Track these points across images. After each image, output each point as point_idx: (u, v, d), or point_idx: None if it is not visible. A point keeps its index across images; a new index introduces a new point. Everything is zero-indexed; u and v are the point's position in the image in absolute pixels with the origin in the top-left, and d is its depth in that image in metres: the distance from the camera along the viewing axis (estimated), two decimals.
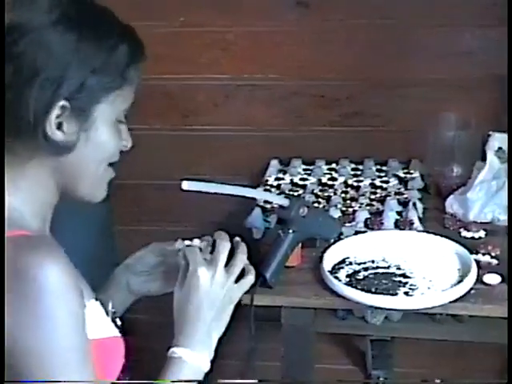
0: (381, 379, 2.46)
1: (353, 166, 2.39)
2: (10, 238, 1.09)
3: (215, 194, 1.56)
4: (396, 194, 2.18)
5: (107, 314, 1.33)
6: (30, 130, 1.15)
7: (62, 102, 1.15)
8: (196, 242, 1.43)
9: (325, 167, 2.39)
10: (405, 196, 2.16)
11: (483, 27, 2.27)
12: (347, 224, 2.00)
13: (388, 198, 2.13)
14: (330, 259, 1.79)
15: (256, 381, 1.69)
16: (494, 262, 1.78)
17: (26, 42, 1.12)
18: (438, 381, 2.53)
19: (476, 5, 2.23)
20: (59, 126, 1.16)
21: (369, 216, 2.03)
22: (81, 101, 1.17)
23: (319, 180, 2.32)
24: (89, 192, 1.27)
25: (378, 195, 2.19)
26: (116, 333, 1.30)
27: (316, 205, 2.13)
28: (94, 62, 1.17)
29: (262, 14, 2.36)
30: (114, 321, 1.35)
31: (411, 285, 1.71)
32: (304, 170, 2.40)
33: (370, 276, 1.75)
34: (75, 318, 1.09)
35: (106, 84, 1.19)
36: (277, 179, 2.34)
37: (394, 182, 2.27)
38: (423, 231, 1.94)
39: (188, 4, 2.36)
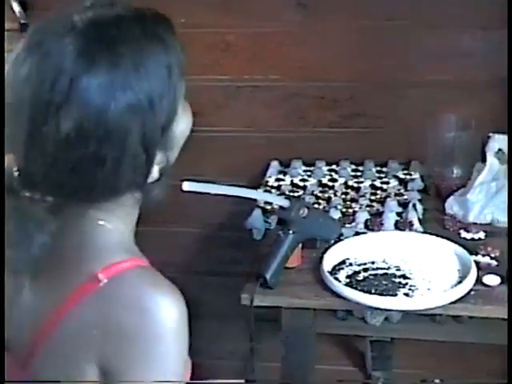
0: (381, 380, 2.46)
1: (353, 167, 2.40)
2: (132, 268, 1.07)
3: (216, 194, 1.57)
4: (396, 195, 2.19)
5: None
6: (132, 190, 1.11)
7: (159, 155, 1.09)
8: None
9: (325, 168, 2.40)
10: (405, 197, 2.16)
11: (484, 29, 2.28)
12: (347, 225, 2.00)
13: (388, 199, 2.14)
14: (330, 260, 1.80)
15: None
16: (494, 263, 1.78)
17: None
18: (437, 381, 2.53)
19: (477, 7, 2.24)
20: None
21: (369, 217, 2.04)
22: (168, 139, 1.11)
23: (319, 181, 2.32)
24: None
25: (378, 196, 2.19)
26: None
27: (316, 206, 2.13)
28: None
29: (263, 16, 2.36)
30: None
31: (411, 286, 1.71)
32: (304, 171, 2.40)
33: (370, 277, 1.75)
34: (185, 356, 1.08)
35: (176, 106, 1.11)
36: (277, 180, 2.34)
37: (394, 183, 2.27)
38: (423, 232, 1.95)
39: (189, 5, 2.36)
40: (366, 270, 1.79)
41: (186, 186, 1.47)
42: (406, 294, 1.68)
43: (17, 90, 1.02)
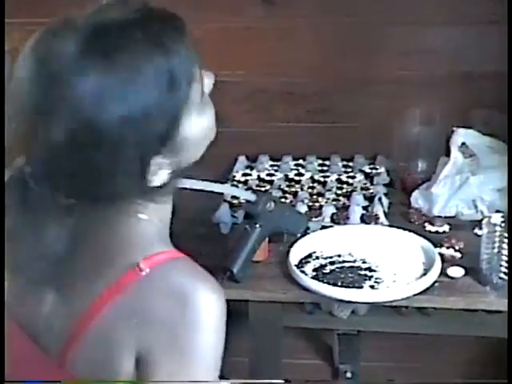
0: (348, 373, 2.48)
1: (320, 161, 2.42)
2: (172, 259, 1.07)
3: (183, 188, 1.57)
4: (362, 189, 2.21)
5: None
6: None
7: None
8: None
9: (292, 163, 2.41)
10: (371, 191, 2.18)
11: (446, 25, 2.30)
12: (314, 219, 2.01)
13: (354, 193, 2.16)
14: (296, 254, 1.81)
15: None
16: (458, 255, 1.81)
17: None
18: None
19: (440, 3, 2.26)
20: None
21: (335, 211, 2.05)
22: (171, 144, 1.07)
23: (286, 176, 2.33)
24: None
25: (344, 190, 2.21)
26: None
27: (283, 200, 2.14)
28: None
29: (229, 11, 2.37)
30: None
31: (377, 278, 1.73)
32: (271, 165, 2.42)
33: (337, 270, 1.77)
34: (221, 350, 1.07)
35: (179, 113, 1.06)
36: (244, 175, 2.35)
37: (360, 177, 2.29)
38: (389, 225, 1.96)
39: (155, 1, 2.35)
40: (332, 263, 1.80)
41: None
42: (372, 287, 1.70)
43: (16, 89, 1.02)
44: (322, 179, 2.29)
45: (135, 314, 1.04)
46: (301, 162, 2.42)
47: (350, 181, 2.27)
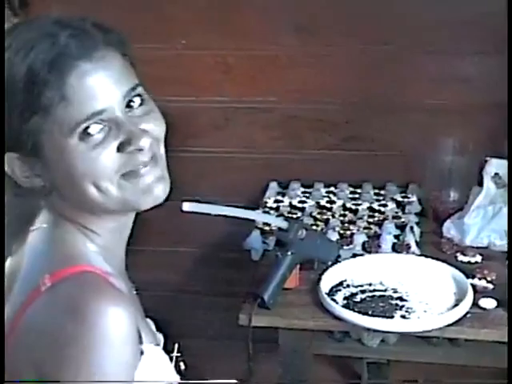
0: None
1: (351, 189, 2.41)
2: (76, 273, 1.06)
3: (215, 215, 1.58)
4: (394, 217, 2.20)
5: (170, 359, 1.27)
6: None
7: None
8: None
9: (323, 190, 2.41)
10: (402, 220, 2.17)
11: (482, 54, 2.30)
12: (345, 247, 2.01)
13: (386, 221, 2.15)
14: (327, 281, 1.81)
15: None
16: (490, 286, 1.79)
17: None
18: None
19: (475, 32, 2.26)
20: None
21: (366, 239, 2.05)
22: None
23: (318, 203, 2.33)
24: (119, 202, 1.11)
25: (375, 219, 2.21)
26: (176, 378, 1.24)
27: (314, 227, 2.14)
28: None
29: (263, 38, 2.38)
30: (177, 365, 1.32)
31: (408, 308, 1.72)
32: (303, 192, 2.42)
33: (367, 299, 1.76)
34: (125, 369, 1.03)
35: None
36: (276, 201, 2.35)
37: (391, 205, 2.29)
38: (420, 255, 1.95)
39: (190, 27, 2.38)
40: (363, 291, 1.80)
41: (186, 206, 1.49)
42: (403, 316, 1.69)
43: None
44: (353, 207, 2.29)
45: (34, 329, 1.03)
46: (332, 189, 2.42)
47: (382, 209, 2.27)
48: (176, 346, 1.35)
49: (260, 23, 2.37)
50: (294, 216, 2.26)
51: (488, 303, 1.72)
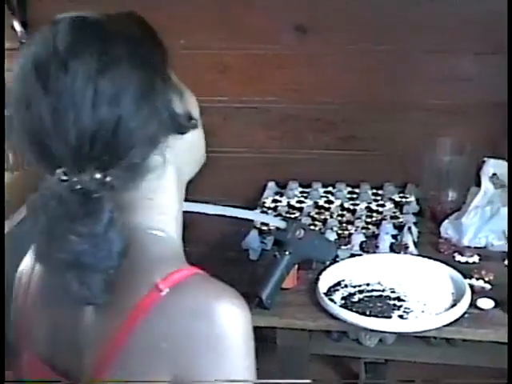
0: None
1: (349, 189, 2.42)
2: (189, 276, 1.07)
3: (213, 215, 1.58)
4: (391, 217, 2.20)
5: None
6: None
7: None
8: None
9: (321, 190, 2.41)
10: (400, 220, 2.18)
11: (480, 54, 2.30)
12: (343, 247, 2.02)
13: (383, 221, 2.15)
14: (325, 281, 1.81)
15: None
16: (488, 286, 1.80)
17: None
18: None
19: (474, 32, 2.26)
20: None
21: (364, 239, 2.05)
22: None
23: (316, 203, 2.34)
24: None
25: (373, 219, 2.21)
26: None
27: (312, 227, 2.14)
28: None
29: (261, 38, 2.39)
30: None
31: (405, 308, 1.72)
32: (301, 192, 2.42)
33: (365, 299, 1.77)
34: (253, 362, 1.07)
35: None
36: (274, 201, 2.36)
37: (389, 205, 2.29)
38: (418, 255, 1.96)
39: (188, 27, 2.38)
40: (361, 291, 1.80)
41: (184, 206, 1.48)
42: (401, 316, 1.69)
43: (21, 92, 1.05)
44: (351, 207, 2.29)
45: (163, 337, 1.03)
46: (330, 189, 2.42)
47: (380, 209, 2.27)
48: None
49: (259, 23, 2.37)
50: (292, 216, 2.26)
51: (486, 303, 1.73)
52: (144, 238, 1.11)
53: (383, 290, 1.80)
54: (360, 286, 1.82)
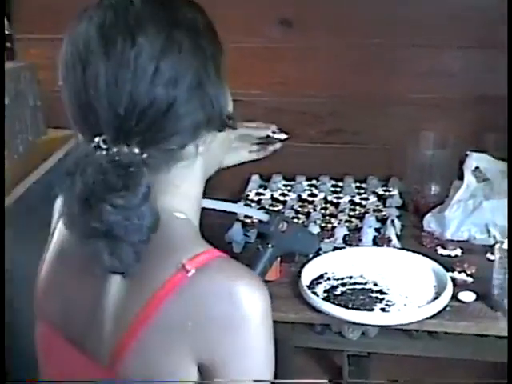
0: None
1: (333, 182, 2.42)
2: (214, 258, 1.09)
3: None
4: (375, 211, 2.21)
5: None
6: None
7: None
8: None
9: (305, 183, 2.42)
10: (383, 213, 2.18)
11: (463, 49, 2.31)
12: (326, 240, 2.02)
13: (367, 214, 2.16)
14: (308, 274, 1.81)
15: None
16: (470, 279, 1.81)
17: None
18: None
19: (456, 27, 2.27)
20: None
21: (347, 232, 2.06)
22: None
23: (299, 196, 2.34)
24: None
25: (356, 212, 2.21)
26: None
27: (296, 220, 2.15)
28: None
29: (246, 31, 2.39)
30: None
31: (388, 301, 1.73)
32: (284, 185, 2.42)
33: (348, 291, 1.77)
34: (273, 345, 1.13)
35: None
36: (257, 194, 2.36)
37: (373, 199, 2.30)
38: (401, 248, 1.97)
39: None
40: (343, 284, 1.80)
41: None
42: (383, 309, 1.70)
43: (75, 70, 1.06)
44: (334, 200, 2.30)
45: (188, 316, 1.06)
46: (314, 182, 2.43)
47: (363, 202, 2.28)
48: None
49: (244, 16, 2.37)
50: (276, 209, 2.26)
51: (467, 296, 1.74)
52: (169, 218, 1.13)
53: (366, 283, 1.81)
54: (343, 278, 1.83)
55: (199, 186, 1.21)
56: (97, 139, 1.05)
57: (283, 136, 1.87)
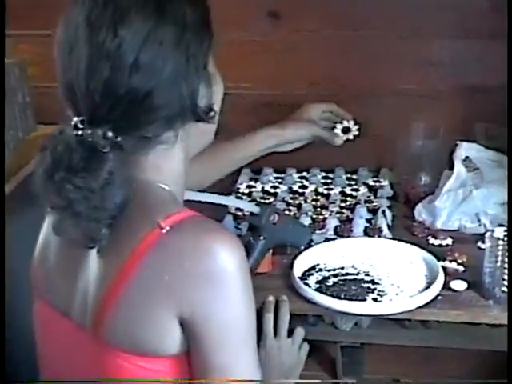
0: None
1: (323, 174, 2.42)
2: (189, 217, 1.14)
3: (187, 200, 1.58)
4: (366, 202, 2.21)
5: None
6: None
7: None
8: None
9: (296, 175, 2.42)
10: (374, 204, 2.19)
11: (453, 38, 2.31)
12: (317, 231, 2.02)
13: (358, 205, 2.16)
14: (300, 266, 1.81)
15: None
16: (461, 268, 1.81)
17: None
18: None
19: (445, 17, 2.27)
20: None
21: (339, 223, 2.06)
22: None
23: (290, 188, 2.34)
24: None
25: (347, 203, 2.22)
26: None
27: (287, 212, 2.15)
28: None
29: (234, 24, 2.37)
30: None
31: (380, 291, 1.73)
32: (275, 178, 2.43)
33: (340, 282, 1.77)
34: (252, 297, 1.16)
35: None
36: (248, 187, 2.36)
37: (363, 190, 2.30)
38: (392, 238, 1.97)
39: None
40: (335, 275, 1.81)
41: None
42: (375, 299, 1.70)
43: (64, 50, 1.11)
44: (325, 192, 2.30)
45: (165, 271, 1.09)
46: (305, 174, 2.43)
47: (354, 193, 2.28)
48: None
49: (232, 8, 2.36)
50: (267, 201, 2.26)
51: (459, 285, 1.74)
52: (149, 187, 1.19)
53: (357, 274, 1.81)
54: (334, 269, 1.83)
55: (182, 165, 1.26)
56: (75, 119, 1.08)
57: (355, 132, 2.07)
